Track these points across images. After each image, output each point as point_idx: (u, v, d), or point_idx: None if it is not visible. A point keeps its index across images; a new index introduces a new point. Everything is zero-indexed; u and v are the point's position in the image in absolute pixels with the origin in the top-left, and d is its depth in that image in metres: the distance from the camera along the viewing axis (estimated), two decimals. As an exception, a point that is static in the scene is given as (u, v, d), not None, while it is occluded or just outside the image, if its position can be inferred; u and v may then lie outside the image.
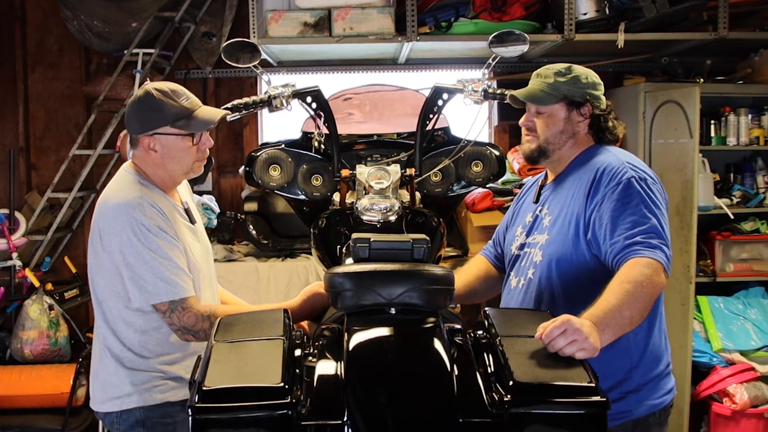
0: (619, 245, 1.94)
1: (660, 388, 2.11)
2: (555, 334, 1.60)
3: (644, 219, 1.96)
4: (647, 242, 1.92)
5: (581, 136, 2.19)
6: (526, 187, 2.43)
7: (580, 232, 2.05)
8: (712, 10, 3.83)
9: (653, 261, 1.89)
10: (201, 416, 1.36)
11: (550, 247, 2.10)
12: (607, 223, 1.98)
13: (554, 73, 2.16)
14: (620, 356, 2.04)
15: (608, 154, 2.14)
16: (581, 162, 2.17)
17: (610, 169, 2.05)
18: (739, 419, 3.62)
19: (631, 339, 2.03)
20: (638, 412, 2.06)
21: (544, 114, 2.18)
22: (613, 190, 2.01)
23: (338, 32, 3.80)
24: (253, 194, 4.27)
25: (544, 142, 2.18)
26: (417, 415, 1.43)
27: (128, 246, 2.01)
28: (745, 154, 4.16)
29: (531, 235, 2.21)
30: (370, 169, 2.45)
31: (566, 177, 2.18)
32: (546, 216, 2.17)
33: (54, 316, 3.96)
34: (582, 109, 2.17)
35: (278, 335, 1.57)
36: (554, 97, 2.15)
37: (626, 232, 1.94)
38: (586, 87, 2.16)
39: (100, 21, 4.30)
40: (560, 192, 2.17)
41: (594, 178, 2.06)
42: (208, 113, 2.14)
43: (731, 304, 3.91)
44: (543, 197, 2.24)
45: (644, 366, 2.09)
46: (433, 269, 1.71)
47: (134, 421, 2.11)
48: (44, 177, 4.61)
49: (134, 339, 2.09)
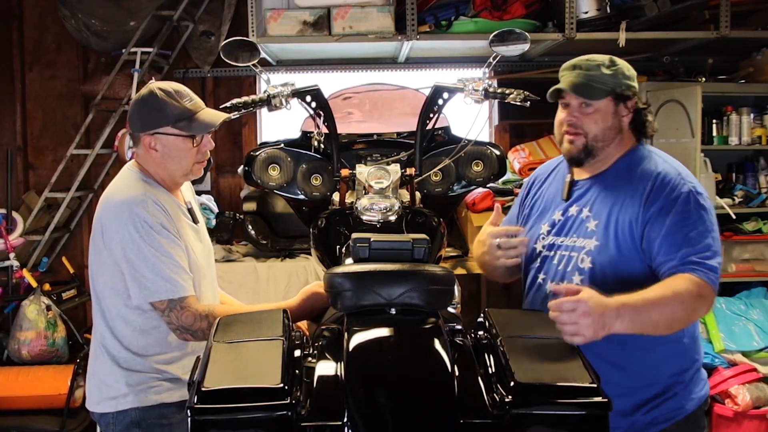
0: (675, 262, 1.90)
1: (701, 379, 2.11)
2: (565, 307, 1.64)
3: (702, 238, 1.91)
4: (705, 263, 1.88)
5: (625, 131, 2.10)
6: (540, 179, 2.31)
7: (636, 242, 1.97)
8: (714, 8, 3.82)
9: (704, 284, 1.86)
10: (200, 417, 1.36)
11: (603, 254, 2.00)
12: (664, 236, 1.92)
13: (598, 64, 2.05)
14: (678, 355, 2.04)
15: (659, 160, 2.06)
16: (629, 164, 2.08)
17: (669, 179, 1.99)
18: (741, 420, 3.61)
19: (686, 342, 2.04)
20: (689, 407, 2.06)
21: (591, 109, 2.05)
22: (672, 202, 1.94)
23: (338, 31, 3.80)
24: (252, 194, 4.26)
25: (593, 140, 2.06)
26: (417, 416, 1.42)
27: (129, 242, 2.00)
28: (747, 154, 4.15)
29: (566, 235, 2.10)
30: (369, 169, 2.43)
31: (611, 178, 2.08)
32: (590, 219, 2.06)
33: (51, 316, 3.95)
34: (628, 102, 2.07)
35: (278, 336, 1.56)
36: (603, 90, 2.03)
37: (683, 250, 1.90)
38: (629, 79, 2.07)
39: (98, 20, 4.29)
40: (607, 195, 2.06)
41: (651, 187, 1.99)
42: (210, 116, 2.14)
43: (733, 305, 3.90)
44: (577, 196, 2.13)
45: (693, 359, 2.09)
46: (434, 269, 1.70)
47: (130, 421, 2.10)
48: (42, 177, 4.60)
49: (132, 337, 2.09)
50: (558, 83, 2.09)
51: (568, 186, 2.15)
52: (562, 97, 2.10)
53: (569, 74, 2.07)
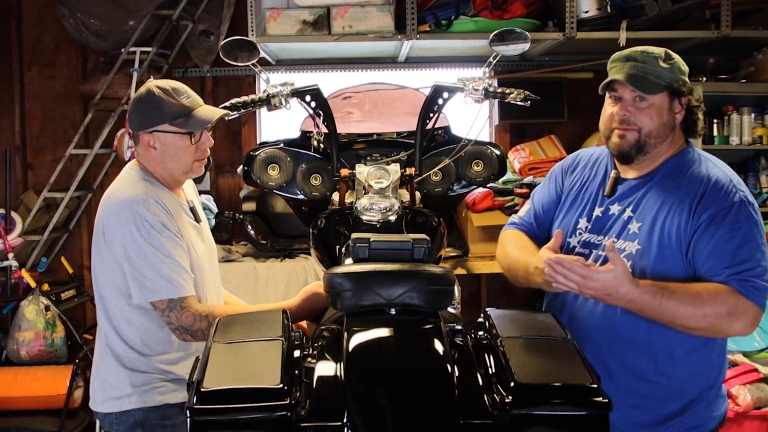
0: (722, 278, 1.83)
1: (721, 396, 2.05)
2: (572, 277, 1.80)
3: (752, 253, 1.84)
4: (751, 281, 1.82)
5: (677, 130, 2.01)
6: (585, 164, 2.19)
7: (682, 249, 1.90)
8: (715, 8, 3.82)
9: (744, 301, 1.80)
10: (199, 417, 1.35)
11: (645, 260, 1.92)
12: (713, 248, 1.85)
13: (655, 57, 1.96)
14: (702, 374, 1.99)
15: (710, 164, 1.98)
16: (679, 166, 1.99)
17: (720, 186, 1.90)
18: (742, 421, 3.60)
19: (714, 358, 1.98)
20: (709, 426, 2.01)
21: (646, 103, 1.95)
22: (724, 212, 1.86)
23: (337, 30, 3.79)
24: (251, 194, 4.25)
25: (647, 135, 1.96)
26: (417, 416, 1.41)
27: (130, 241, 2.00)
28: (748, 154, 4.15)
29: (605, 235, 2.01)
30: (369, 169, 2.43)
31: (661, 180, 1.99)
32: (633, 221, 1.97)
33: (50, 317, 3.94)
34: (683, 99, 1.99)
35: (277, 336, 1.55)
36: (660, 84, 1.94)
37: (731, 267, 1.83)
38: (685, 75, 1.99)
39: (97, 19, 4.28)
40: (654, 197, 1.97)
41: (703, 193, 1.90)
42: (207, 112, 2.13)
43: (734, 305, 3.88)
44: (621, 194, 2.03)
45: (718, 378, 2.03)
46: (434, 269, 1.69)
47: (133, 422, 2.10)
48: (41, 176, 4.59)
49: (136, 337, 2.09)
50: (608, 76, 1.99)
51: (612, 182, 2.06)
52: (614, 90, 2.00)
53: (623, 65, 1.97)
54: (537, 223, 2.24)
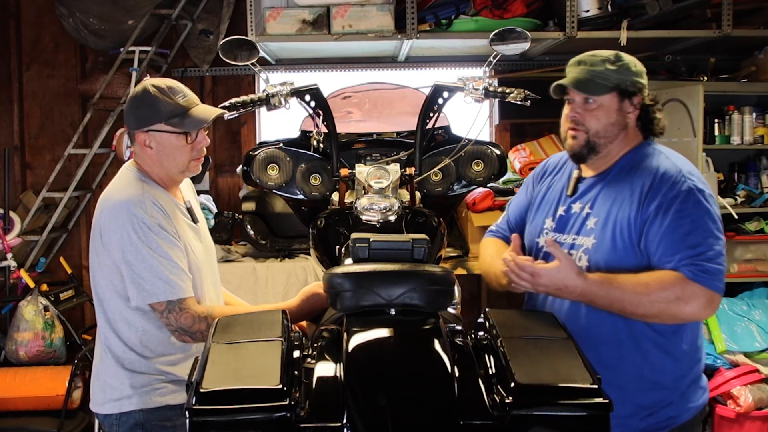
0: (673, 264, 1.88)
1: (699, 387, 2.08)
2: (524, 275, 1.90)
3: (702, 238, 1.88)
4: (701, 265, 1.86)
5: (631, 128, 2.07)
6: (552, 169, 2.28)
7: (633, 240, 1.95)
8: (716, 7, 3.81)
9: (693, 285, 1.85)
10: (198, 418, 1.35)
11: (599, 253, 1.98)
12: (662, 236, 1.90)
13: (602, 60, 2.03)
14: (673, 365, 2.02)
15: (663, 157, 2.03)
16: (632, 162, 2.05)
17: (668, 177, 1.95)
18: (743, 422, 3.59)
19: (685, 348, 2.02)
20: (685, 417, 2.03)
21: (594, 105, 2.03)
22: (671, 200, 1.91)
23: (337, 30, 3.78)
24: (250, 194, 4.24)
25: (594, 136, 2.03)
26: (417, 417, 1.41)
27: (128, 243, 1.99)
28: (750, 153, 4.14)
29: (567, 233, 2.08)
30: (369, 169, 2.42)
31: (614, 176, 2.06)
32: (590, 217, 2.04)
33: (49, 317, 3.93)
34: (634, 99, 2.04)
35: (277, 336, 1.54)
36: (606, 86, 2.01)
37: (681, 252, 1.87)
38: (636, 75, 2.04)
39: (95, 18, 4.26)
40: (608, 192, 2.04)
41: (650, 184, 1.96)
42: (203, 112, 2.12)
43: (735, 306, 3.88)
44: (581, 192, 2.11)
45: (692, 370, 2.06)
46: (434, 269, 1.69)
47: (133, 423, 2.09)
48: (39, 176, 4.58)
49: (135, 339, 2.08)
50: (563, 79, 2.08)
51: (574, 182, 2.14)
52: (567, 93, 2.09)
53: (573, 70, 2.06)
54: (510, 230, 2.32)
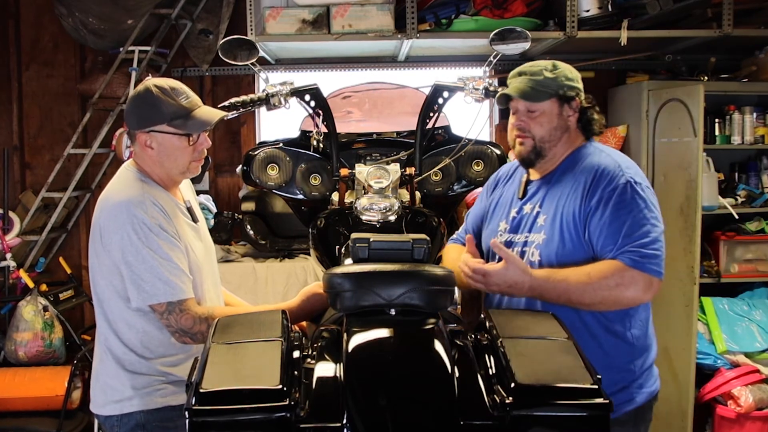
0: (613, 253, 2.00)
1: (653, 375, 2.20)
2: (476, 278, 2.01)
3: (639, 226, 2.01)
4: (639, 251, 1.98)
5: (572, 130, 2.20)
6: (503, 178, 2.41)
7: (580, 233, 2.07)
8: (717, 6, 3.80)
9: (631, 270, 1.96)
10: (198, 419, 1.34)
11: (549, 248, 2.10)
12: (603, 227, 2.03)
13: (542, 69, 2.16)
14: (626, 348, 2.12)
15: (603, 155, 2.16)
16: (575, 161, 2.18)
17: (607, 172, 2.08)
18: (744, 422, 3.59)
19: (634, 332, 2.13)
20: (639, 400, 2.13)
21: (537, 112, 2.16)
22: (610, 193, 2.04)
23: (337, 29, 3.77)
24: (250, 194, 4.23)
25: (540, 141, 2.17)
26: (417, 417, 1.40)
27: (128, 244, 1.98)
28: (750, 153, 4.14)
29: (520, 233, 2.20)
30: (369, 169, 2.42)
31: (560, 175, 2.18)
32: (540, 215, 2.16)
33: (48, 317, 3.93)
34: (572, 103, 2.17)
35: (276, 337, 1.54)
36: (546, 93, 2.14)
37: (620, 241, 2.00)
38: (573, 81, 2.17)
39: (95, 18, 4.25)
40: (554, 191, 2.16)
41: (591, 180, 2.08)
42: (206, 114, 2.11)
43: (736, 306, 3.88)
44: (531, 194, 2.23)
45: (643, 355, 2.16)
46: (434, 270, 1.68)
47: (134, 424, 2.08)
48: (39, 176, 4.57)
49: (136, 340, 2.07)
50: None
51: (523, 185, 2.26)
52: (511, 102, 2.21)
53: (515, 80, 2.18)
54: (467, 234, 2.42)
